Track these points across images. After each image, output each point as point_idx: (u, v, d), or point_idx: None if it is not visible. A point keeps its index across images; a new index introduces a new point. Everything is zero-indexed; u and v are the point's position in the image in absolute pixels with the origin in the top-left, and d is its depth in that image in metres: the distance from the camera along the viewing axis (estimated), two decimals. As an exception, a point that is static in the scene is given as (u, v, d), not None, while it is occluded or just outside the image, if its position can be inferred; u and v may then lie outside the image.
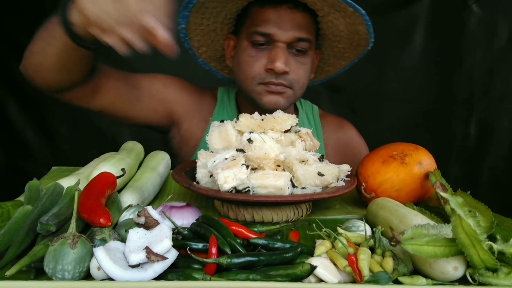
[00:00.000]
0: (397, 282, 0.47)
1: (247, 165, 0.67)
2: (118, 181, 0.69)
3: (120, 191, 0.69)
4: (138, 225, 0.52)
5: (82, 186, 0.62)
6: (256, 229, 0.59)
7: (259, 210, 0.70)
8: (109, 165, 0.72)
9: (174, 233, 0.55)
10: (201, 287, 0.44)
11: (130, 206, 0.59)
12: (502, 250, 0.46)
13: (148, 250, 0.47)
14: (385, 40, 0.95)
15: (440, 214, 0.68)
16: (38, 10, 1.75)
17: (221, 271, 0.48)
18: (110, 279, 0.45)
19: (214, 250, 0.51)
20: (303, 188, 0.69)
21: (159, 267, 0.46)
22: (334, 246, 0.53)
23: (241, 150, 0.71)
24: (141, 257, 0.46)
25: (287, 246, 0.54)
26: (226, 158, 0.70)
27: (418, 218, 0.57)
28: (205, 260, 0.48)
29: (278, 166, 0.70)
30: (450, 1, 1.78)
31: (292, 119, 0.76)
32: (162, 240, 0.49)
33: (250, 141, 0.68)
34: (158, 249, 0.48)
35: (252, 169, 0.69)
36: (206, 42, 1.04)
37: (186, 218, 0.61)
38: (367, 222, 0.62)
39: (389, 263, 0.48)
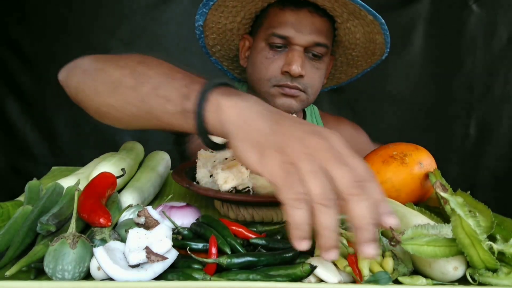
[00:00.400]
0: (397, 282, 0.47)
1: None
2: (118, 181, 0.69)
3: (120, 191, 0.69)
4: (138, 225, 0.52)
5: (82, 186, 0.61)
6: (256, 229, 0.59)
7: (259, 210, 0.70)
8: (109, 165, 0.72)
9: (174, 233, 0.55)
10: (201, 287, 0.44)
11: (130, 206, 0.59)
12: (502, 250, 0.46)
13: (148, 250, 0.47)
14: (389, 43, 0.95)
15: (440, 214, 0.68)
16: (39, 11, 1.76)
17: (221, 271, 0.48)
18: (110, 279, 0.45)
19: (214, 250, 0.51)
20: (303, 188, 0.69)
21: (159, 267, 0.46)
22: None
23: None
24: (141, 257, 0.46)
25: (287, 246, 0.54)
26: (226, 158, 0.70)
27: (418, 218, 0.57)
28: (205, 260, 0.48)
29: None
30: (450, 1, 1.79)
31: None
32: (162, 240, 0.49)
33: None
34: (158, 249, 0.48)
35: (252, 169, 0.69)
36: (221, 41, 1.04)
37: (186, 218, 0.61)
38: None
39: (389, 263, 0.48)
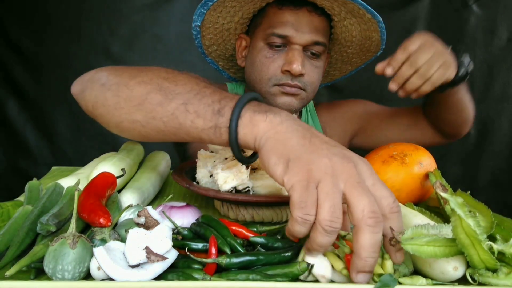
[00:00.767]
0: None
1: (247, 165, 0.67)
2: (118, 181, 0.69)
3: (120, 191, 0.69)
4: (138, 225, 0.52)
5: (82, 186, 0.62)
6: (256, 229, 0.59)
7: (259, 210, 0.70)
8: (109, 165, 0.72)
9: (174, 233, 0.55)
10: (201, 287, 0.44)
11: (130, 206, 0.59)
12: (502, 250, 0.46)
13: (148, 250, 0.47)
14: (385, 39, 0.95)
15: (440, 214, 0.68)
16: (38, 11, 1.76)
17: (221, 271, 0.48)
18: (110, 279, 0.45)
19: (214, 250, 0.51)
20: (303, 188, 0.69)
21: (159, 267, 0.46)
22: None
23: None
24: (141, 257, 0.46)
25: (286, 245, 0.54)
26: (226, 158, 0.70)
27: (418, 218, 0.57)
28: (204, 260, 0.49)
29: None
30: (450, 1, 1.79)
31: None
32: (162, 240, 0.49)
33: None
34: (158, 249, 0.48)
35: (252, 169, 0.69)
36: (217, 41, 1.04)
37: (186, 218, 0.61)
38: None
39: (387, 266, 0.48)
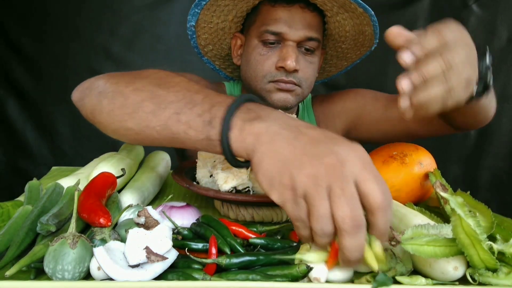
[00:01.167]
0: (396, 281, 0.47)
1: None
2: (118, 181, 0.69)
3: (120, 191, 0.69)
4: (138, 225, 0.52)
5: (82, 186, 0.62)
6: (256, 229, 0.59)
7: (259, 210, 0.70)
8: (109, 165, 0.72)
9: (174, 233, 0.55)
10: (201, 287, 0.44)
11: (130, 206, 0.59)
12: (502, 250, 0.46)
13: (148, 250, 0.47)
14: (378, 34, 0.95)
15: (440, 214, 0.68)
16: (38, 11, 1.76)
17: (221, 271, 0.48)
18: (110, 279, 0.45)
19: (214, 250, 0.51)
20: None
21: (159, 267, 0.46)
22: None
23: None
24: (141, 257, 0.46)
25: (286, 246, 0.54)
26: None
27: (418, 218, 0.57)
28: (204, 260, 0.49)
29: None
30: (450, 1, 1.79)
31: None
32: (162, 240, 0.49)
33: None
34: (158, 249, 0.48)
35: (252, 169, 0.69)
36: (213, 40, 1.05)
37: (186, 218, 0.61)
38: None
39: (376, 244, 0.45)
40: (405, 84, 0.50)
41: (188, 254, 0.50)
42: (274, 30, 0.92)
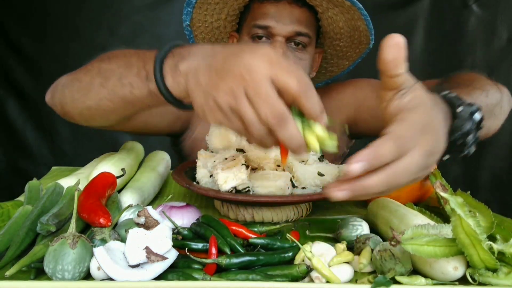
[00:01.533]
0: (395, 281, 0.47)
1: (247, 165, 0.67)
2: (118, 181, 0.69)
3: (120, 191, 0.69)
4: (138, 225, 0.52)
5: (82, 186, 0.62)
6: (256, 229, 0.59)
7: (259, 210, 0.70)
8: (109, 165, 0.73)
9: (174, 233, 0.55)
10: (201, 287, 0.44)
11: (130, 206, 0.59)
12: (502, 250, 0.46)
13: (148, 250, 0.47)
14: (373, 29, 0.95)
15: (440, 214, 0.68)
16: (38, 11, 1.76)
17: (221, 271, 0.48)
18: (110, 279, 0.45)
19: (214, 250, 0.51)
20: (303, 188, 0.69)
21: (159, 267, 0.46)
22: None
23: (241, 150, 0.71)
24: (141, 257, 0.46)
25: (286, 246, 0.54)
26: (226, 158, 0.70)
27: (418, 218, 0.57)
28: (204, 260, 0.49)
29: (278, 166, 0.70)
30: (450, 1, 1.79)
31: None
32: (162, 240, 0.49)
33: (250, 141, 0.68)
34: (158, 249, 0.48)
35: (252, 169, 0.69)
36: (210, 40, 1.05)
37: (186, 218, 0.61)
38: (368, 222, 0.62)
39: (317, 128, 0.46)
40: (355, 168, 0.40)
41: (188, 254, 0.50)
42: (262, 24, 0.93)
